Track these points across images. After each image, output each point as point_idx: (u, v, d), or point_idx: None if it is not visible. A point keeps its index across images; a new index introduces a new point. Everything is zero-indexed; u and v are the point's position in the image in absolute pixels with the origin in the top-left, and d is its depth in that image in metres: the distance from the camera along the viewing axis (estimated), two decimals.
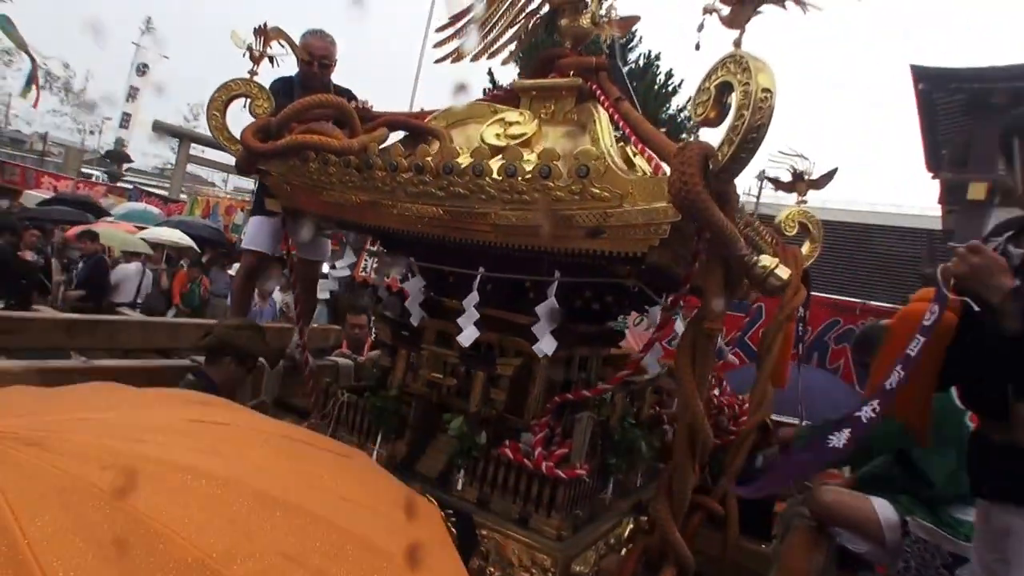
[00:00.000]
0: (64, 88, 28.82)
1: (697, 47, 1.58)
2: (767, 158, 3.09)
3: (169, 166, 32.00)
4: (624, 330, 3.54)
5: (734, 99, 1.48)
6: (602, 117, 2.23)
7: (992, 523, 1.82)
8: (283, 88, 3.14)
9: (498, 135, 2.35)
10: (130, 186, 19.05)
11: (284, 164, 2.45)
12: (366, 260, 7.26)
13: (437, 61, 2.98)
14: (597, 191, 1.75)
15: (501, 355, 2.36)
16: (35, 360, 2.55)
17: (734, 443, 2.38)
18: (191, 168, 22.71)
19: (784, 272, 1.65)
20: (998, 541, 1.79)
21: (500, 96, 2.72)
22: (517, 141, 2.29)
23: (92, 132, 29.98)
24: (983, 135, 16.76)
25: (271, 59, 2.63)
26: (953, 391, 2.03)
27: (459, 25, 2.86)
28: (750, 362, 4.24)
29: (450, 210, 2.02)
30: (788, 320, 2.60)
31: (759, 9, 1.52)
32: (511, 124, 2.37)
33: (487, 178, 1.91)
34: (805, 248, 2.94)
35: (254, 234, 3.23)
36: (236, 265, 7.26)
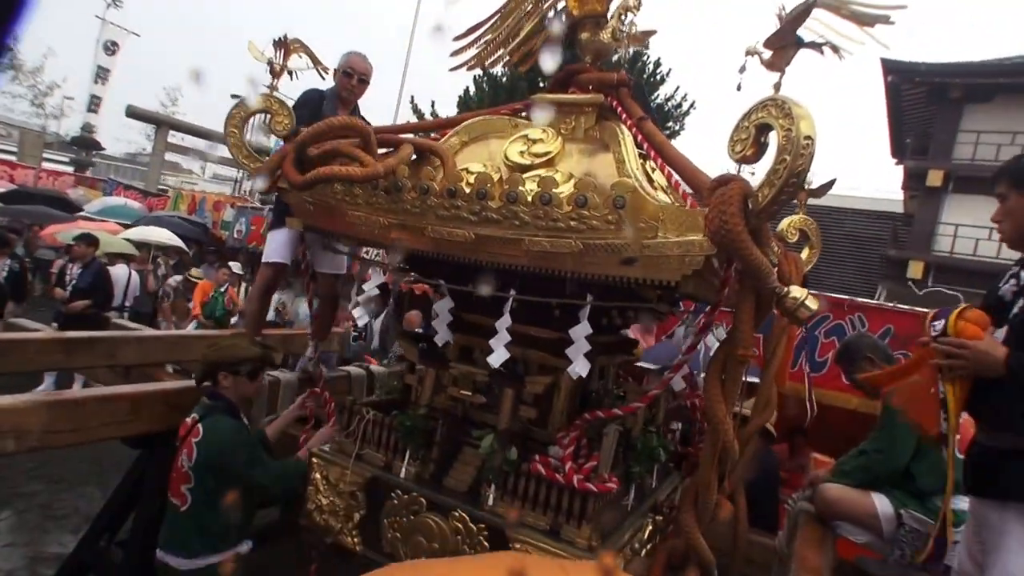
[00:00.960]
0: (12, 64, 26.31)
1: (739, 88, 1.63)
2: None
3: (141, 152, 30.82)
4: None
5: (775, 142, 1.53)
6: (626, 138, 2.26)
7: (975, 516, 2.04)
8: (317, 99, 3.25)
9: (522, 152, 2.38)
10: (104, 178, 18.23)
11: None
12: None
13: (452, 69, 2.99)
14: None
15: (526, 370, 2.42)
16: (44, 394, 2.50)
17: (738, 442, 2.50)
18: (167, 155, 21.92)
19: (814, 303, 1.72)
20: (980, 531, 2.00)
21: (519, 108, 2.74)
22: (542, 159, 2.33)
23: (56, 116, 27.51)
24: (942, 126, 17.43)
25: (290, 73, 2.60)
26: None
27: (476, 35, 2.86)
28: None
29: (482, 234, 2.06)
30: (790, 324, 2.73)
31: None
32: (535, 142, 2.41)
33: (521, 205, 1.95)
34: (804, 254, 3.06)
35: (276, 247, 3.23)
36: (232, 264, 7.19)
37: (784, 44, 1.51)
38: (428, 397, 2.49)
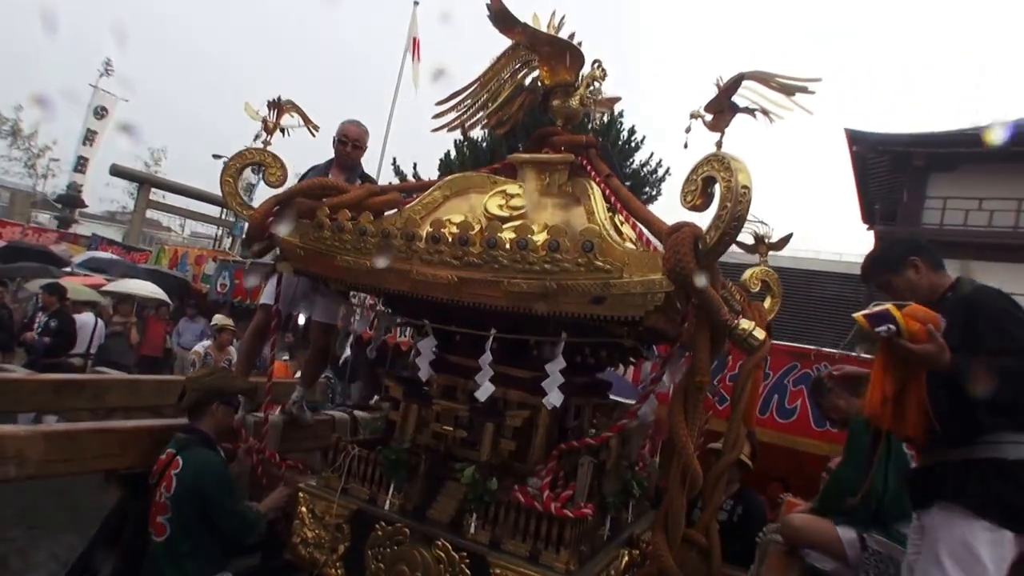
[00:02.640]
0: (13, 131, 27.65)
1: (685, 146, 1.89)
2: None
3: (122, 210, 31.31)
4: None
5: (718, 192, 1.78)
6: (596, 192, 2.51)
7: (919, 529, 2.25)
8: (322, 167, 3.56)
9: (500, 206, 2.61)
10: (88, 233, 18.56)
11: (297, 229, 2.65)
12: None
13: (434, 130, 3.25)
14: (600, 264, 2.02)
15: (505, 407, 2.57)
16: (40, 424, 2.60)
17: (709, 479, 2.65)
18: (148, 213, 22.31)
19: (760, 334, 1.93)
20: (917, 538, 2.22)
21: (497, 168, 2.99)
22: (519, 212, 2.56)
23: (45, 176, 28.76)
24: (909, 193, 18.37)
25: (283, 130, 2.82)
26: None
27: (456, 100, 3.13)
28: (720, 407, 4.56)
29: (464, 277, 2.25)
30: (756, 368, 2.92)
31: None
32: (512, 196, 2.64)
33: (500, 250, 2.16)
34: (767, 303, 3.29)
35: (271, 292, 3.34)
36: (218, 316, 7.27)
37: (721, 109, 1.78)
38: (411, 432, 2.61)
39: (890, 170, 18.99)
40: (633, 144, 14.85)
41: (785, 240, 3.52)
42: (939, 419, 2.02)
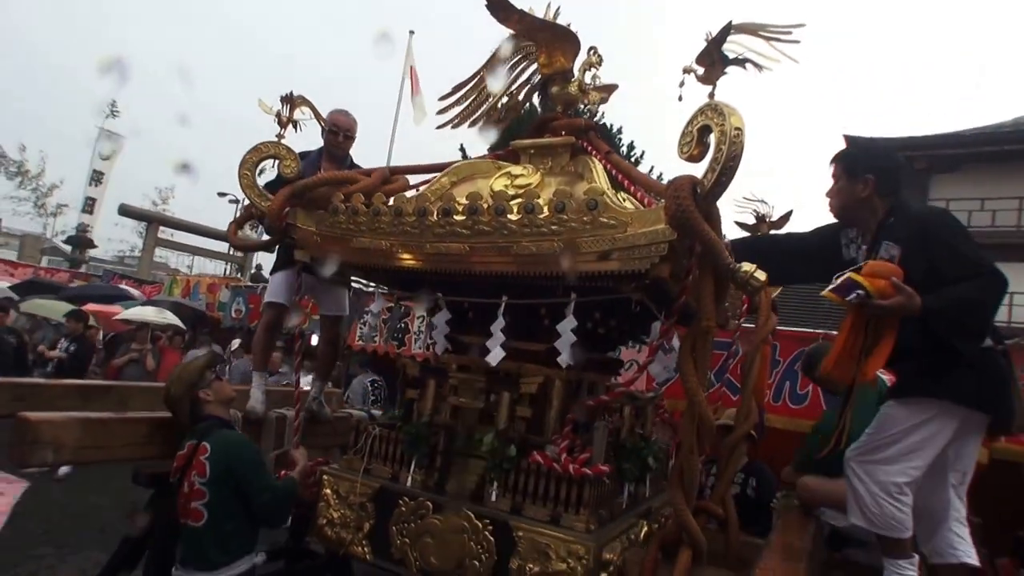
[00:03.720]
0: (20, 171, 28.03)
1: (680, 99, 1.98)
2: (733, 203, 3.57)
3: (131, 251, 31.81)
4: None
5: (713, 138, 1.87)
6: (598, 167, 2.61)
7: None
8: (313, 156, 3.56)
9: (506, 186, 2.71)
10: (99, 273, 18.84)
11: (312, 217, 2.76)
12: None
13: (439, 127, 3.36)
14: (605, 220, 2.10)
15: (520, 378, 2.62)
16: (76, 412, 2.67)
17: (724, 450, 2.69)
18: (157, 253, 22.63)
19: (761, 275, 1.98)
20: None
21: (500, 155, 3.10)
22: (524, 190, 2.65)
23: (54, 214, 29.26)
24: (912, 195, 18.46)
25: (294, 124, 2.95)
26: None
27: (460, 94, 3.25)
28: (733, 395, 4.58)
29: (475, 246, 2.34)
30: (763, 342, 2.98)
31: (726, 70, 1.94)
32: (517, 176, 2.74)
33: (508, 216, 2.25)
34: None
35: (276, 289, 3.44)
36: (236, 341, 7.37)
37: (712, 61, 1.88)
38: (430, 406, 2.67)
39: None
40: (633, 159, 14.99)
41: (785, 218, 3.60)
42: (920, 356, 2.12)
